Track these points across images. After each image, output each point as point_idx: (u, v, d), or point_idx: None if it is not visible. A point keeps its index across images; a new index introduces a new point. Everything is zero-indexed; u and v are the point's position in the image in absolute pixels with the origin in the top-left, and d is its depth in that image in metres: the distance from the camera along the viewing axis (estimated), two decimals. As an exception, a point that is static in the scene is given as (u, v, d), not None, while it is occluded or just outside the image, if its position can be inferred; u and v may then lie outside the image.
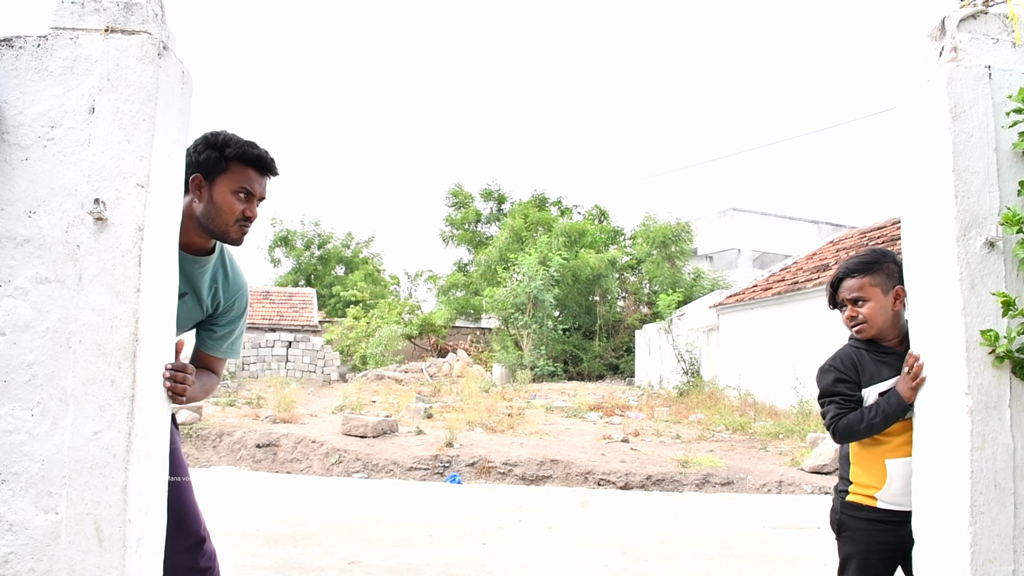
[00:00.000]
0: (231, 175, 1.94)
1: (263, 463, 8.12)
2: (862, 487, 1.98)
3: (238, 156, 1.95)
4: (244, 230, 1.98)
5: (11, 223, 1.53)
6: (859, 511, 1.98)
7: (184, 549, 1.98)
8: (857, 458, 2.03)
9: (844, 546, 2.06)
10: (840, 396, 1.99)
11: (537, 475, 7.21)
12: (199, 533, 2.04)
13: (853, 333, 2.04)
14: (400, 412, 10.90)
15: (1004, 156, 1.66)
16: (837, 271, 2.10)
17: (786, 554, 4.30)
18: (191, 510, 2.04)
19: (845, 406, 1.97)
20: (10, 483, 1.48)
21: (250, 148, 1.96)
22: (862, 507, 1.97)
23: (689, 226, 24.08)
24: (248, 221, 1.98)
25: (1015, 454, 1.60)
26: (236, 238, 1.99)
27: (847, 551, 2.04)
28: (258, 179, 1.98)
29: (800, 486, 6.80)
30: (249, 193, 1.96)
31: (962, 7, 1.75)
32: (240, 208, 1.95)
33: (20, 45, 1.57)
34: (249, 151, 1.96)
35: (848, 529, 2.03)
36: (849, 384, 1.99)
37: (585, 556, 4.18)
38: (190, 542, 2.00)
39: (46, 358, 1.51)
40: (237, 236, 1.98)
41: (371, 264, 33.58)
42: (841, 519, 2.05)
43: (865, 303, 1.99)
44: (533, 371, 18.97)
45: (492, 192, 29.00)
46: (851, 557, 2.02)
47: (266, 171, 2.00)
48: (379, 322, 22.26)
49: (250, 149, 1.96)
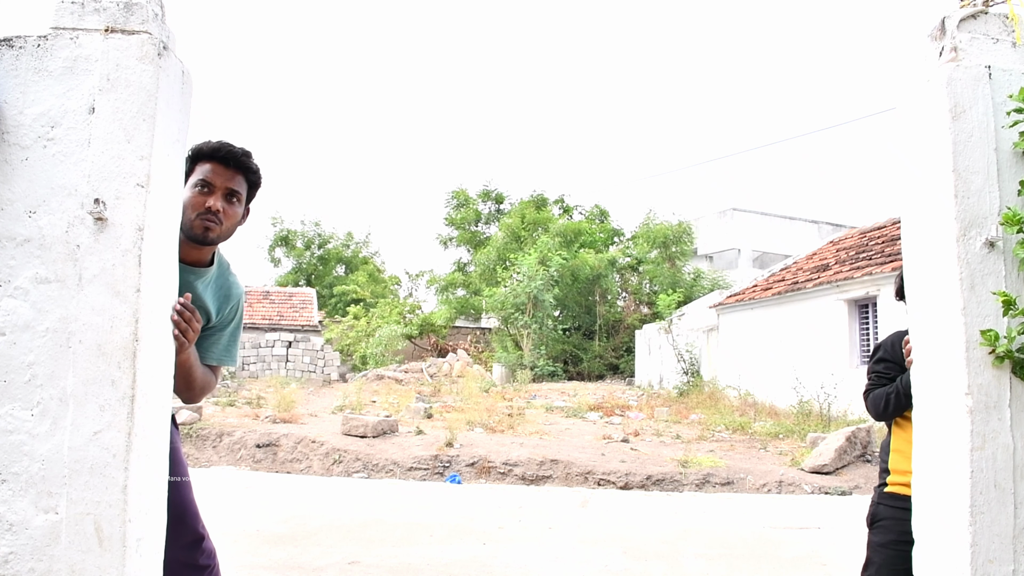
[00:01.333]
0: (195, 173, 1.93)
1: (263, 463, 8.12)
2: (900, 475, 1.99)
3: (197, 152, 1.94)
4: (205, 224, 1.90)
5: (11, 223, 1.53)
6: (896, 500, 1.98)
7: (183, 547, 1.98)
8: (897, 443, 2.06)
9: (875, 536, 2.05)
10: (876, 374, 2.13)
11: (537, 475, 7.21)
12: (198, 531, 2.05)
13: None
14: (400, 412, 10.90)
15: (1004, 156, 1.66)
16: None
17: (786, 554, 4.30)
18: (190, 508, 2.04)
19: (878, 382, 2.10)
20: (10, 483, 1.48)
21: (208, 142, 1.94)
22: (899, 496, 1.97)
23: (689, 226, 24.09)
24: (210, 213, 1.90)
25: (1015, 454, 1.60)
26: (199, 233, 1.91)
27: (878, 541, 2.03)
28: (220, 171, 1.93)
29: (800, 486, 6.80)
30: (208, 184, 1.91)
31: (962, 7, 1.75)
32: (199, 200, 1.90)
33: (20, 45, 1.57)
34: (206, 144, 1.93)
35: (883, 519, 2.02)
36: (888, 364, 2.11)
37: (585, 556, 4.18)
38: (189, 540, 2.01)
39: (46, 358, 1.50)
40: (199, 231, 1.90)
41: (371, 264, 33.61)
42: (877, 509, 2.05)
43: None
44: (533, 371, 18.97)
45: (491, 192, 29.02)
46: (881, 548, 2.01)
47: (226, 162, 1.94)
48: (379, 322, 22.27)
49: (208, 143, 1.94)
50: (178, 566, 1.96)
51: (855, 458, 7.55)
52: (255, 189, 2.06)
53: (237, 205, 1.98)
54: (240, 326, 2.17)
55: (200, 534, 2.05)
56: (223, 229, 1.94)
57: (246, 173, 1.99)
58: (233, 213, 1.96)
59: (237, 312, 2.14)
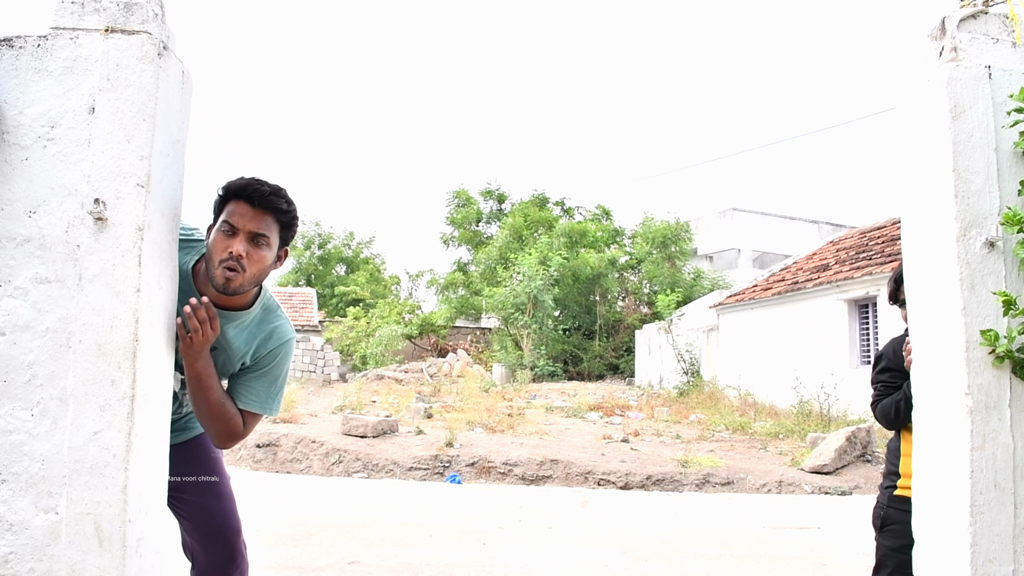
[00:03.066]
0: (222, 214, 1.75)
1: (263, 463, 8.11)
2: (910, 478, 1.97)
3: (225, 190, 1.76)
4: (226, 273, 1.71)
5: (11, 223, 1.53)
6: (907, 504, 1.95)
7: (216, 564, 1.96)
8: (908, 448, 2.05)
9: (886, 541, 2.03)
10: (881, 384, 2.13)
11: (537, 475, 7.21)
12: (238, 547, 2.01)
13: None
14: (400, 412, 10.90)
15: (1004, 156, 1.66)
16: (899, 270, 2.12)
17: (786, 554, 4.30)
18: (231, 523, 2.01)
19: (884, 392, 2.10)
20: (10, 483, 1.48)
21: (239, 180, 1.76)
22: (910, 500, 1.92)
23: (689, 225, 24.08)
24: (231, 259, 1.70)
25: (1015, 454, 1.60)
26: (220, 283, 1.72)
27: (889, 546, 2.01)
28: (244, 212, 1.73)
29: (800, 486, 6.79)
30: (232, 227, 1.72)
31: (962, 7, 1.75)
32: (223, 245, 1.71)
33: (20, 45, 1.57)
34: (235, 181, 1.76)
35: (894, 523, 2.00)
36: (893, 372, 2.11)
37: (585, 556, 4.18)
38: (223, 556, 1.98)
39: (46, 358, 1.50)
40: (220, 280, 1.72)
41: (372, 264, 33.60)
42: (887, 513, 2.03)
43: None
44: (533, 371, 18.97)
45: (492, 191, 29.01)
46: (893, 552, 1.99)
47: (251, 201, 1.73)
48: (379, 322, 22.26)
49: (238, 180, 1.76)
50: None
51: (855, 458, 7.55)
52: (289, 230, 1.84)
53: (265, 248, 1.76)
54: (281, 376, 1.95)
55: (237, 549, 2.01)
56: (247, 276, 1.74)
57: (275, 213, 1.77)
58: (260, 257, 1.75)
59: (276, 358, 1.93)
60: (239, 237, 1.72)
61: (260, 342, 1.90)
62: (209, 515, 1.93)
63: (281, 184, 1.80)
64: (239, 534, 2.02)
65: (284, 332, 1.95)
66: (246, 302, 1.86)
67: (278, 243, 1.82)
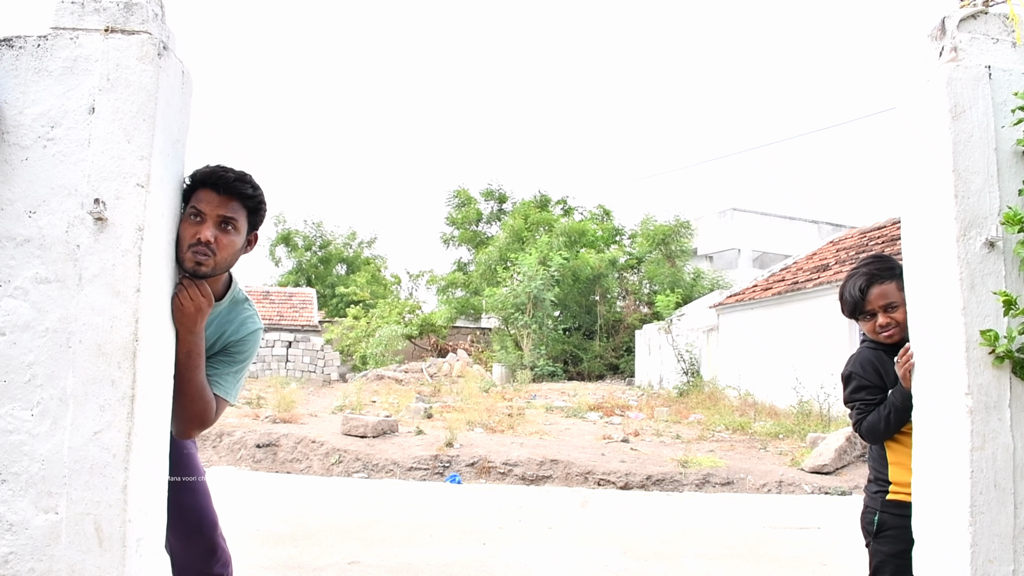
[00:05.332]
0: (190, 201, 1.79)
1: (263, 463, 8.11)
2: (903, 486, 1.95)
3: (192, 178, 1.80)
4: (196, 257, 1.74)
5: (11, 223, 1.53)
6: (901, 508, 1.94)
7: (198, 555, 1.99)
8: (896, 457, 2.02)
9: (884, 547, 2.00)
10: (860, 402, 2.06)
11: (537, 475, 7.21)
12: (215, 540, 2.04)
13: (883, 339, 2.03)
14: (400, 412, 10.90)
15: (1004, 156, 1.66)
16: (860, 281, 2.05)
17: (786, 554, 4.30)
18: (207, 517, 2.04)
19: (866, 410, 2.03)
20: (10, 483, 1.48)
21: (204, 168, 1.81)
22: (905, 504, 1.93)
23: (689, 224, 24.08)
24: (200, 245, 1.74)
25: (1015, 454, 1.60)
26: (189, 267, 1.75)
27: (887, 551, 1.99)
28: (211, 198, 1.77)
29: (800, 486, 6.80)
30: (200, 213, 1.76)
31: (962, 7, 1.75)
32: (191, 231, 1.75)
33: (20, 45, 1.57)
34: (201, 169, 1.80)
35: (890, 528, 1.98)
36: (870, 389, 2.05)
37: (585, 556, 4.18)
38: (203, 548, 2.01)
39: (46, 358, 1.51)
40: (191, 265, 1.74)
41: (373, 264, 33.58)
42: (883, 518, 2.01)
43: (898, 308, 1.98)
44: (533, 371, 18.97)
45: (493, 192, 29.00)
46: (892, 558, 1.97)
47: (217, 188, 1.77)
48: (379, 322, 22.26)
49: (203, 168, 1.80)
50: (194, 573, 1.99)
51: (855, 458, 7.54)
52: (257, 214, 1.90)
53: (234, 233, 1.81)
54: (245, 364, 2.01)
55: (216, 543, 2.04)
56: (217, 261, 1.78)
57: (242, 199, 1.82)
58: (228, 242, 1.79)
59: (243, 348, 1.99)
60: (207, 223, 1.77)
61: (231, 330, 1.96)
62: (185, 511, 1.95)
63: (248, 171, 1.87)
64: (216, 527, 2.05)
65: (254, 322, 2.02)
66: (217, 292, 1.90)
67: (246, 228, 1.88)
